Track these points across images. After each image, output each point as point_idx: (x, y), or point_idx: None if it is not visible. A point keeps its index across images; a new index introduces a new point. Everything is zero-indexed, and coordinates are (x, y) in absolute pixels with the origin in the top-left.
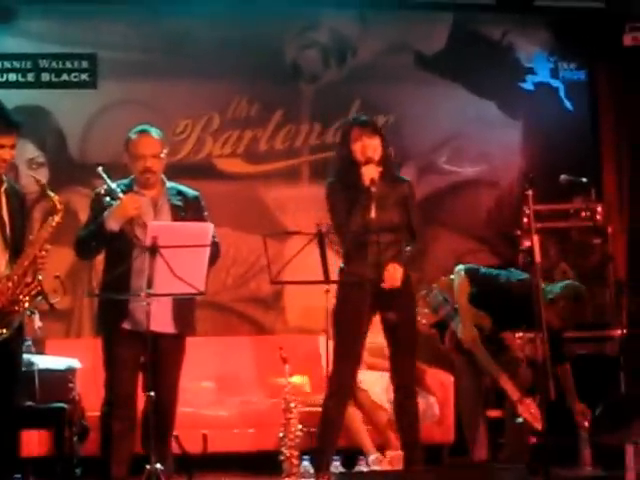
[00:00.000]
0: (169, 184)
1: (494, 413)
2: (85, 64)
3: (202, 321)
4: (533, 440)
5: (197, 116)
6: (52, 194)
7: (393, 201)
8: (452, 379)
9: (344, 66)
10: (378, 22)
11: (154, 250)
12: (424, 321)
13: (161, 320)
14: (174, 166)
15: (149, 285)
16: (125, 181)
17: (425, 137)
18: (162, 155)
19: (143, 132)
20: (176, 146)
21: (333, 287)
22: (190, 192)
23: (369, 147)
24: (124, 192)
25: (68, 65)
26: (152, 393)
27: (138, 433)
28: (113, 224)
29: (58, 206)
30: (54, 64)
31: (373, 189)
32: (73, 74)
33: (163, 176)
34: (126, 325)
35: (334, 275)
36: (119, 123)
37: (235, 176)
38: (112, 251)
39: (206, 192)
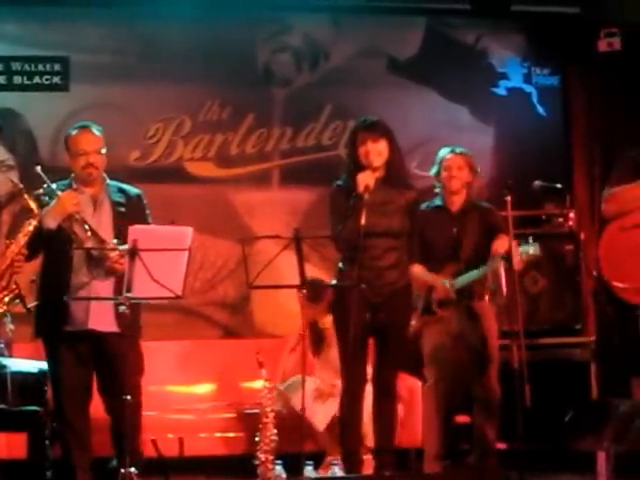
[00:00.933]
0: (110, 181)
1: (462, 419)
2: (57, 67)
3: (170, 325)
4: (501, 446)
5: (168, 119)
6: (29, 198)
7: (395, 207)
8: (419, 383)
9: (316, 70)
10: (351, 26)
11: (134, 253)
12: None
13: (102, 319)
14: (145, 169)
15: (128, 288)
16: (65, 181)
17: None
18: (103, 151)
19: (83, 128)
20: (147, 149)
21: None
22: (132, 190)
23: (373, 151)
24: (63, 191)
25: (40, 68)
26: (129, 397)
27: (107, 437)
28: (50, 222)
29: (35, 211)
30: (26, 67)
31: (366, 196)
32: (45, 77)
33: (104, 174)
34: (68, 327)
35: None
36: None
37: (206, 180)
38: (50, 251)
39: (177, 196)
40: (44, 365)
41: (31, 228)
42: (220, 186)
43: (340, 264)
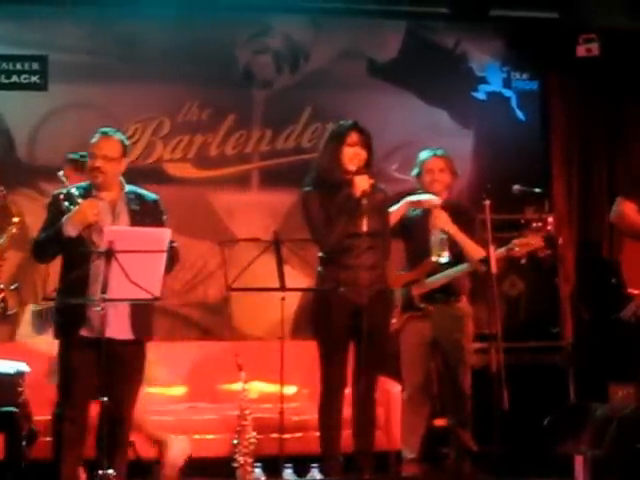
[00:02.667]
0: (128, 187)
1: (440, 422)
2: (36, 66)
3: None
4: (477, 449)
5: (147, 120)
6: (11, 204)
7: (372, 209)
8: (399, 387)
9: (296, 72)
10: (331, 28)
11: (110, 254)
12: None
13: (118, 326)
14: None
15: (104, 290)
16: (84, 184)
17: (376, 145)
18: (117, 158)
19: (102, 134)
20: None
21: (288, 295)
22: (149, 195)
23: (361, 155)
24: (82, 196)
25: (18, 67)
26: (105, 399)
27: (92, 439)
28: (71, 230)
29: (16, 218)
30: (4, 65)
31: (364, 201)
32: (23, 76)
33: (122, 179)
34: (84, 332)
35: (288, 282)
36: (69, 126)
37: (185, 181)
38: (69, 256)
39: None
40: (21, 366)
41: (12, 233)
42: (199, 187)
43: (319, 267)
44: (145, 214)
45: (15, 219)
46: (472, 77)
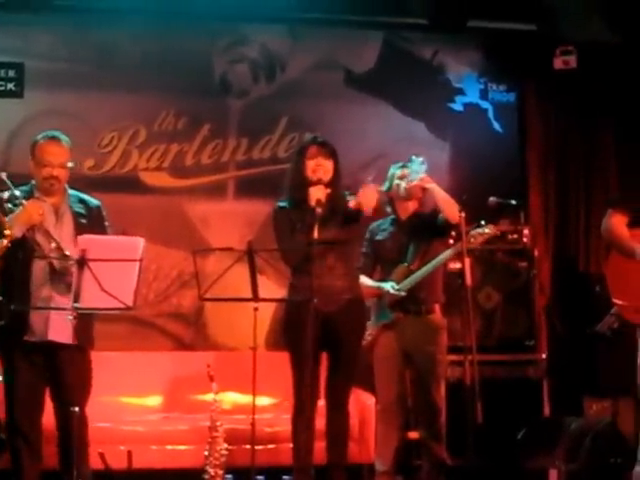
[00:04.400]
0: (71, 192)
1: (413, 435)
2: (12, 73)
3: (124, 336)
4: (451, 462)
5: (123, 128)
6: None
7: (338, 221)
8: (374, 399)
9: (273, 82)
10: (308, 38)
11: (82, 263)
12: None
13: (61, 330)
14: (99, 179)
15: (76, 299)
16: (25, 187)
17: (352, 155)
18: (69, 164)
19: (53, 139)
20: (102, 158)
21: (261, 305)
22: (92, 201)
23: (322, 167)
24: (25, 198)
25: None
26: (76, 409)
27: (53, 450)
28: (16, 231)
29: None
30: None
31: (318, 210)
32: None
33: (66, 184)
34: (27, 337)
35: (262, 293)
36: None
37: (160, 190)
38: (11, 258)
39: (131, 206)
40: None
41: (3, 246)
42: (175, 196)
43: (291, 279)
44: (88, 217)
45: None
46: (449, 88)
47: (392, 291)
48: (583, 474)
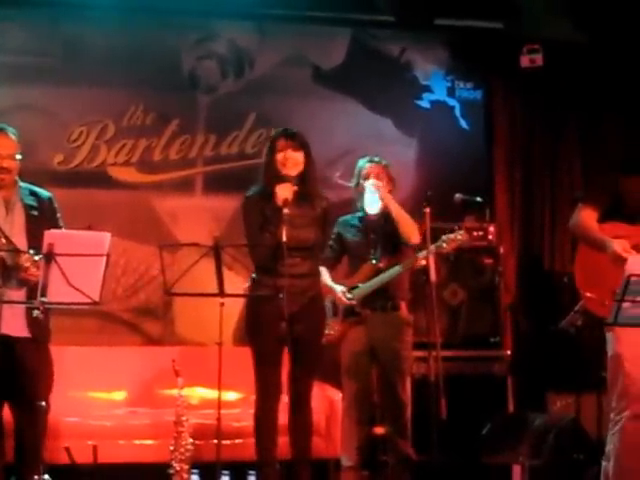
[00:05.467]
0: (22, 184)
1: (379, 430)
2: None
3: (91, 331)
4: (416, 458)
5: (92, 123)
6: None
7: (309, 219)
8: (339, 394)
9: (241, 78)
10: (276, 35)
11: (49, 257)
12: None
13: (14, 323)
14: (68, 173)
15: (43, 293)
16: None
17: (320, 152)
18: (17, 157)
19: (1, 130)
20: (70, 153)
21: (228, 300)
22: (43, 193)
23: (291, 159)
24: None
25: None
26: (43, 403)
27: (10, 444)
28: None
29: None
30: None
31: (285, 210)
32: None
33: (17, 177)
34: None
35: (230, 288)
36: (13, 128)
37: (128, 185)
38: None
39: (99, 200)
40: None
41: None
42: (143, 192)
43: (254, 274)
44: (40, 209)
45: None
46: (416, 85)
47: (344, 299)
48: (546, 470)
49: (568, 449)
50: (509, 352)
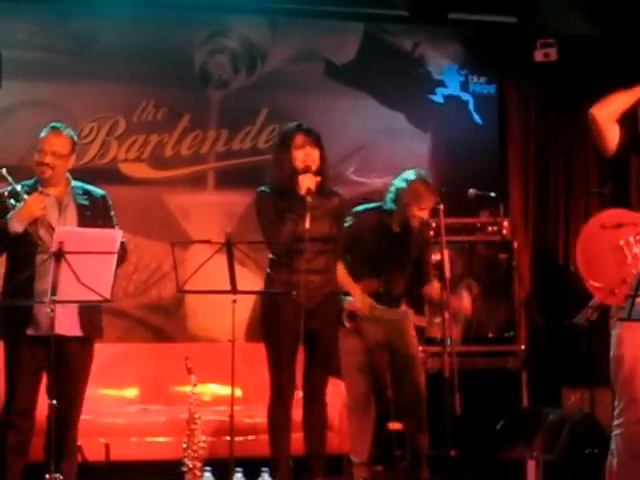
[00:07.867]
0: (75, 183)
1: (395, 426)
2: None
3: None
4: (431, 453)
5: (103, 119)
6: None
7: (325, 212)
8: None
9: (253, 73)
10: (288, 30)
11: (60, 256)
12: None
13: (67, 323)
14: (79, 169)
15: (53, 291)
16: (29, 182)
17: (333, 147)
18: (66, 154)
19: (52, 129)
20: (81, 149)
21: (240, 297)
22: (97, 191)
23: (310, 156)
24: (28, 193)
25: None
26: (54, 401)
27: (39, 441)
28: (17, 226)
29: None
30: None
31: (309, 199)
32: None
33: (69, 175)
34: (30, 331)
35: (243, 285)
36: (23, 124)
37: (140, 181)
38: (14, 254)
39: (111, 197)
40: None
41: None
42: (155, 188)
43: (268, 269)
44: (93, 209)
45: None
46: (430, 80)
47: (366, 311)
48: (561, 465)
49: (583, 444)
50: (523, 347)
